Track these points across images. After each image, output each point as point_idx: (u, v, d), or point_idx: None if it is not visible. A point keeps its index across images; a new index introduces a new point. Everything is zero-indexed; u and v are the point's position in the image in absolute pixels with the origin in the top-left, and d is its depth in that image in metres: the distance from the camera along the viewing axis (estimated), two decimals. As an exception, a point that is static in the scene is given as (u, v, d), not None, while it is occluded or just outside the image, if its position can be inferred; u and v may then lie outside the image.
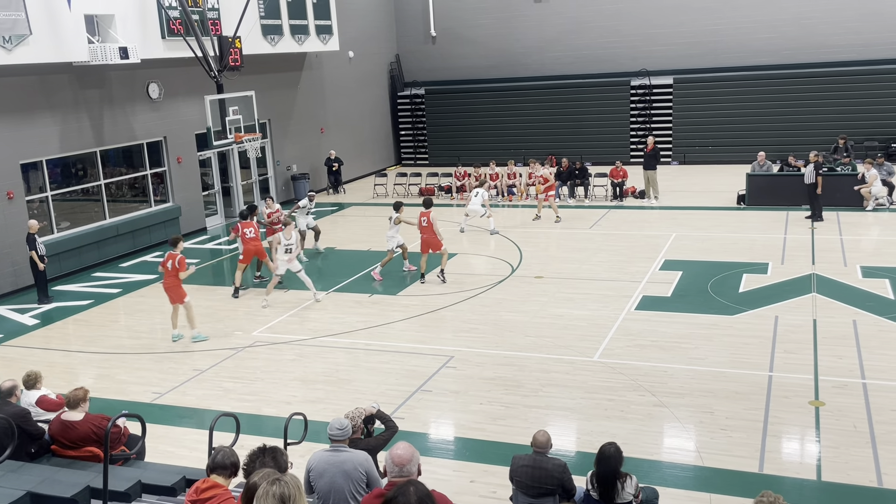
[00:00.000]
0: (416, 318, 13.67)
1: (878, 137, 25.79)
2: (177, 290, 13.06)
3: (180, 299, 13.10)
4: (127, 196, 20.14)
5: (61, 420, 7.40)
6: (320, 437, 8.66)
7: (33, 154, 17.11)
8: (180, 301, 13.11)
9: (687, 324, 12.61)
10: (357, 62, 28.90)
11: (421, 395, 10.56)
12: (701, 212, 20.68)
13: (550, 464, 6.56)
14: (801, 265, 15.41)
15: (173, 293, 13.09)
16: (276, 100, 24.24)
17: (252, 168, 23.88)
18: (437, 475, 8.31)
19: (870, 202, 19.77)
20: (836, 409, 9.48)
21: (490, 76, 30.37)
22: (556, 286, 15.02)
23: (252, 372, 11.74)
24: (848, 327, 12.06)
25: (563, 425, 9.65)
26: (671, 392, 10.17)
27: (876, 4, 25.71)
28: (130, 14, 18.16)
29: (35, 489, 6.20)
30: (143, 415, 7.31)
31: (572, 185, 23.26)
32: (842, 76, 26.31)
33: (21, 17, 15.49)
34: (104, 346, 13.26)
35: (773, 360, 10.99)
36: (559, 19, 29.19)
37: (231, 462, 5.48)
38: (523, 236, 18.90)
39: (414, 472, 5.47)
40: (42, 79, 17.14)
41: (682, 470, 8.40)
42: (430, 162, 30.92)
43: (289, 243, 14.63)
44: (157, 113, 20.20)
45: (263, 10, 22.31)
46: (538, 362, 11.41)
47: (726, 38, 27.48)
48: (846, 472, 8.11)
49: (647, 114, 28.71)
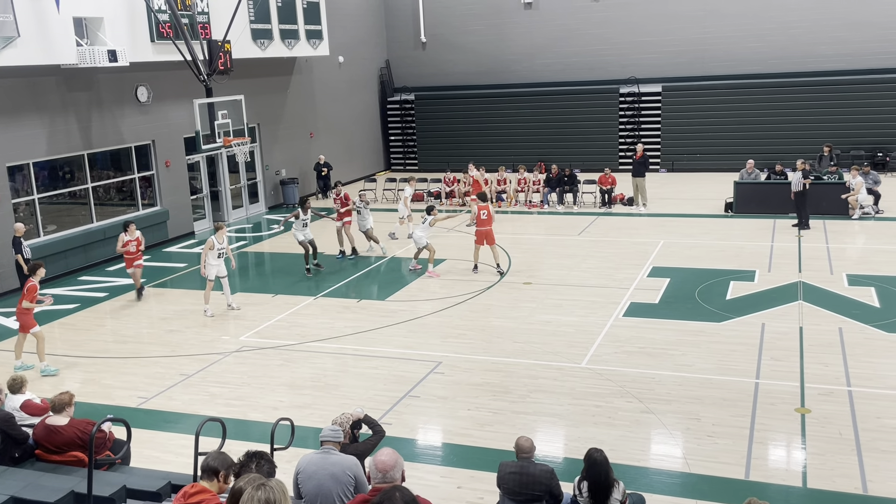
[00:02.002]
0: (404, 324, 13.66)
1: (865, 146, 26.00)
2: (24, 318, 12.12)
3: (27, 329, 12.15)
4: (114, 199, 20.04)
5: (46, 424, 7.35)
6: (307, 443, 8.65)
7: (20, 156, 17.01)
8: (26, 331, 12.17)
9: (674, 331, 12.65)
10: (347, 67, 28.90)
11: (409, 401, 10.54)
12: (689, 219, 20.77)
13: (537, 469, 6.55)
14: (788, 273, 15.49)
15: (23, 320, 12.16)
16: (265, 104, 24.20)
17: (241, 172, 23.81)
18: (424, 481, 8.30)
19: (856, 210, 19.91)
20: (821, 416, 9.52)
21: (480, 82, 30.43)
22: (545, 292, 15.04)
23: (239, 377, 11.68)
24: (834, 335, 12.12)
25: (551, 431, 9.65)
26: (658, 398, 10.20)
27: (862, 15, 25.94)
28: (119, 17, 18.10)
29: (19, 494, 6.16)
30: (128, 419, 7.29)
31: (561, 192, 23.33)
32: (828, 85, 26.52)
33: (9, 19, 15.40)
34: (90, 350, 13.17)
35: (759, 368, 11.03)
36: (549, 26, 29.30)
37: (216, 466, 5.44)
38: (512, 242, 18.93)
39: (398, 478, 5.46)
40: (30, 81, 17.05)
41: (669, 476, 8.42)
42: (420, 167, 30.93)
43: (221, 247, 14.59)
44: (145, 116, 20.13)
45: (253, 15, 22.29)
46: (526, 368, 11.42)
47: (714, 47, 27.67)
48: (831, 479, 8.15)
49: (635, 121, 28.84)
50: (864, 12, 25.91)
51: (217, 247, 14.52)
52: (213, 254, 14.50)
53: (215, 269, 14.60)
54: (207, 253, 14.53)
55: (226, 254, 14.75)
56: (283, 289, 16.19)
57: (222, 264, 14.73)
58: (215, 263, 14.58)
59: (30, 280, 12.28)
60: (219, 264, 14.64)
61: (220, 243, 14.59)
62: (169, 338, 13.54)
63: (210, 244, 14.53)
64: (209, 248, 14.50)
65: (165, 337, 13.58)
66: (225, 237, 14.89)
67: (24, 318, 12.16)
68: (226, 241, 14.87)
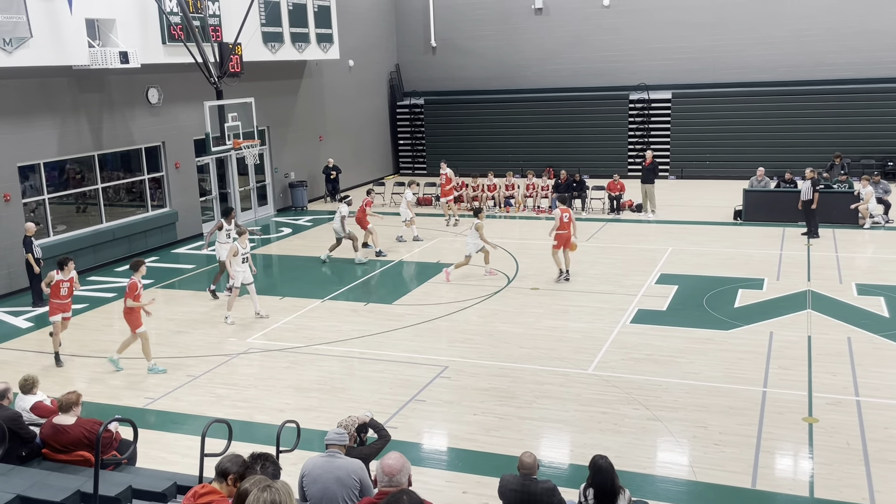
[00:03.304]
0: (411, 328, 13.66)
1: (875, 156, 25.90)
2: (129, 318, 12.15)
3: (134, 328, 12.21)
4: (124, 200, 20.12)
5: (53, 424, 7.37)
6: (313, 445, 8.65)
7: (31, 157, 17.10)
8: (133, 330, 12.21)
9: (682, 338, 12.61)
10: (357, 71, 28.97)
11: (415, 405, 10.53)
12: (698, 226, 20.72)
13: (539, 488, 6.40)
14: (797, 282, 15.43)
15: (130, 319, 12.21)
16: (275, 107, 24.27)
17: (250, 175, 23.88)
18: (429, 485, 8.29)
19: (867, 220, 19.82)
20: (829, 426, 9.47)
21: (489, 87, 30.46)
22: (552, 298, 15.02)
23: (245, 379, 11.71)
24: (842, 344, 12.07)
25: (557, 437, 9.63)
26: (665, 406, 10.16)
27: (874, 23, 25.85)
28: (131, 19, 18.20)
29: (25, 493, 6.18)
30: (135, 420, 7.30)
31: (570, 198, 23.28)
32: (840, 94, 26.44)
33: (22, 20, 15.51)
34: (98, 350, 13.21)
35: (767, 376, 10.99)
36: (559, 32, 29.30)
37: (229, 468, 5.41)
38: (519, 247, 18.92)
39: (404, 482, 5.45)
40: (42, 82, 17.15)
41: (675, 484, 8.38)
42: (428, 172, 30.95)
43: (245, 252, 14.37)
44: (156, 118, 20.22)
45: (264, 18, 22.37)
46: (533, 374, 11.40)
47: (725, 55, 27.61)
48: (839, 490, 8.10)
49: (645, 128, 28.80)
50: (876, 21, 25.82)
51: (241, 252, 14.25)
52: (237, 260, 14.21)
53: (241, 275, 14.29)
54: (232, 260, 14.26)
55: (248, 259, 14.50)
56: (290, 291, 16.21)
57: (248, 270, 14.46)
58: (241, 270, 14.27)
59: (132, 278, 12.10)
60: (244, 270, 14.35)
61: (243, 248, 14.33)
62: (176, 339, 13.57)
63: (234, 250, 14.19)
64: (233, 255, 14.22)
65: (173, 338, 13.61)
66: (248, 242, 14.66)
67: (129, 317, 12.07)
68: (248, 246, 14.64)
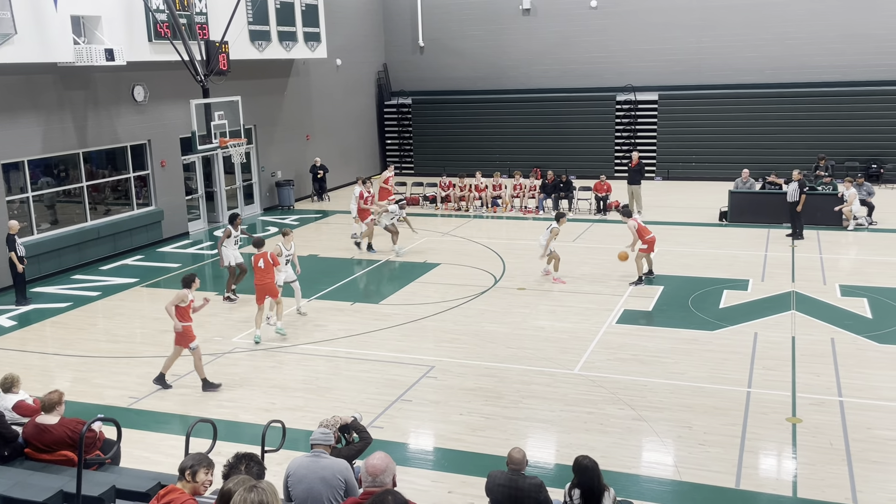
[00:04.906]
0: (397, 328, 13.65)
1: (859, 158, 26.10)
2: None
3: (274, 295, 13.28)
4: (109, 199, 19.99)
5: (36, 423, 7.33)
6: (298, 445, 8.63)
7: (15, 154, 16.96)
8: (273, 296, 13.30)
9: (667, 338, 12.67)
10: (344, 70, 28.91)
11: (401, 405, 10.53)
12: (683, 227, 20.81)
13: (527, 483, 6.45)
14: (781, 283, 15.53)
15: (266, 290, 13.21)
16: (262, 105, 24.18)
17: (236, 173, 23.78)
18: (415, 485, 8.29)
19: (850, 222, 19.97)
20: (812, 426, 9.54)
21: (477, 87, 30.47)
22: (539, 298, 15.05)
23: (231, 378, 11.66)
24: (826, 345, 12.15)
25: (543, 437, 9.65)
26: (650, 406, 10.21)
27: (859, 27, 26.05)
28: (117, 16, 18.07)
29: (7, 492, 6.13)
30: (119, 419, 7.25)
31: (556, 198, 23.39)
32: (824, 96, 26.62)
33: (6, 17, 15.37)
34: (81, 349, 13.12)
35: (751, 377, 11.05)
36: (547, 33, 29.36)
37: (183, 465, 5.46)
38: (506, 248, 18.94)
39: (388, 482, 5.45)
40: (26, 79, 17.01)
41: (660, 484, 8.42)
42: (416, 171, 30.95)
43: (289, 253, 14.34)
44: (141, 116, 20.10)
45: (252, 16, 22.28)
46: (519, 374, 11.42)
47: (711, 57, 27.75)
48: (822, 490, 8.16)
49: (631, 129, 28.90)
50: (860, 24, 26.02)
51: (285, 253, 14.18)
52: (280, 260, 14.01)
53: (283, 275, 14.13)
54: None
55: (292, 259, 14.47)
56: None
57: (290, 270, 14.47)
58: (283, 269, 14.16)
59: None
60: (286, 270, 14.32)
61: (287, 250, 14.23)
62: (161, 338, 13.48)
63: (278, 251, 13.89)
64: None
65: (158, 337, 13.53)
66: (293, 243, 14.53)
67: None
68: (293, 246, 14.53)
